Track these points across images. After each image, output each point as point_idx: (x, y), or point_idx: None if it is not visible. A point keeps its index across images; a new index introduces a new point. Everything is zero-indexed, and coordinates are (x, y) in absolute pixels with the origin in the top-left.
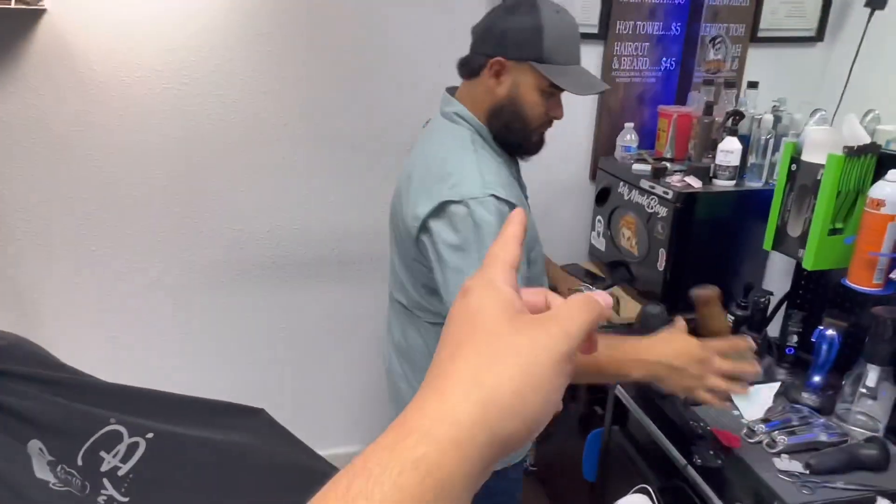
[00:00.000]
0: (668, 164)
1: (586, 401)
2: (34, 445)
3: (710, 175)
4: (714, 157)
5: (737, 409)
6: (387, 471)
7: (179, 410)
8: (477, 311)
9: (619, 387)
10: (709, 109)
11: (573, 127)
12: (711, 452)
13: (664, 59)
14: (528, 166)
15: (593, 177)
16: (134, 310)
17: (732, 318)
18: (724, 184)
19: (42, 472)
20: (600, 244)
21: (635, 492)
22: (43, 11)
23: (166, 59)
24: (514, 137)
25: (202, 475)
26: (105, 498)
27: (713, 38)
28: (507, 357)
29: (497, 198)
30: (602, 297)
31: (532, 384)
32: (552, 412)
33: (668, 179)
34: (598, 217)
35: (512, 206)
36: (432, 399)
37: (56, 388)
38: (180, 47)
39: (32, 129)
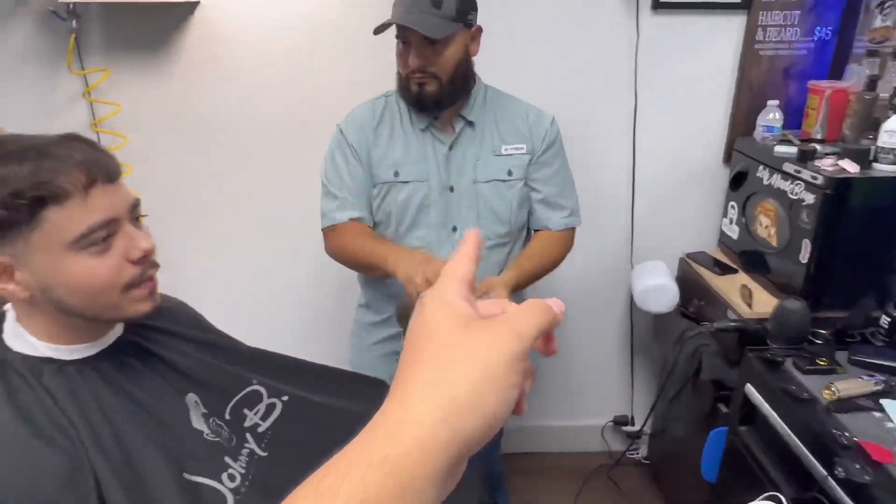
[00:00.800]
0: (817, 146)
1: (710, 397)
2: (191, 398)
3: (870, 158)
4: (875, 139)
5: (890, 420)
6: (353, 469)
7: (311, 377)
8: (432, 323)
9: (748, 385)
10: (872, 84)
11: (705, 106)
12: (858, 466)
13: (818, 28)
14: (654, 146)
15: (727, 159)
16: (275, 285)
17: (888, 319)
18: (887, 168)
19: (198, 422)
20: (732, 232)
21: (764, 499)
22: (196, 4)
23: (310, 52)
24: (401, 94)
25: (330, 438)
26: (248, 451)
27: (881, 3)
28: (463, 360)
29: (341, 131)
30: (555, 303)
31: (488, 382)
32: (510, 408)
33: (817, 163)
34: (732, 203)
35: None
36: (394, 404)
37: (209, 349)
38: (331, 45)
39: (181, 114)
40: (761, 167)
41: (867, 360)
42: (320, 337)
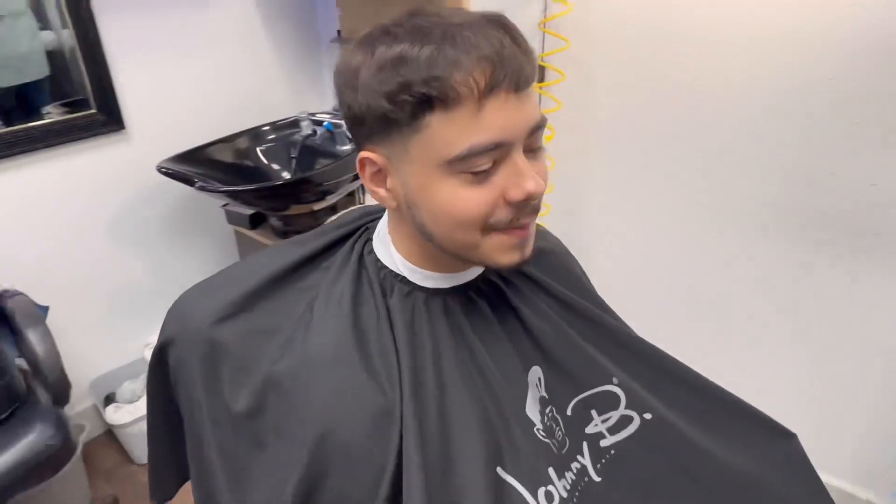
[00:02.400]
0: None
1: None
2: (535, 373)
3: None
4: None
5: None
6: None
7: (695, 399)
8: None
9: None
10: None
11: None
12: None
13: None
14: None
15: None
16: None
17: None
18: None
19: (532, 409)
20: None
21: None
22: None
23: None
24: None
25: (685, 487)
26: (579, 467)
27: None
28: None
29: None
30: None
31: None
32: None
33: None
34: None
35: None
36: None
37: (573, 315)
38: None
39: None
40: None
41: None
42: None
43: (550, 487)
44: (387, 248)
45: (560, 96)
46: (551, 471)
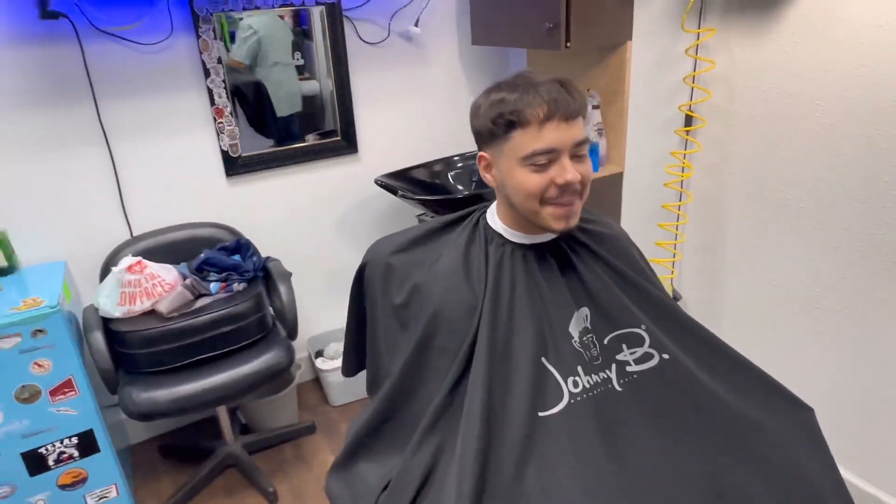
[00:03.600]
0: None
1: None
2: (583, 311)
3: None
4: None
5: None
6: None
7: (708, 351)
8: None
9: None
10: None
11: None
12: None
13: None
14: None
15: None
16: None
17: None
18: None
19: (574, 329)
20: None
21: None
22: None
23: None
24: None
25: (690, 420)
26: (604, 377)
27: None
28: None
29: None
30: None
31: None
32: None
33: None
34: None
35: None
36: None
37: (620, 280)
38: None
39: (770, 80)
40: None
41: None
42: None
43: (577, 378)
44: (493, 216)
45: (701, 140)
46: (580, 369)
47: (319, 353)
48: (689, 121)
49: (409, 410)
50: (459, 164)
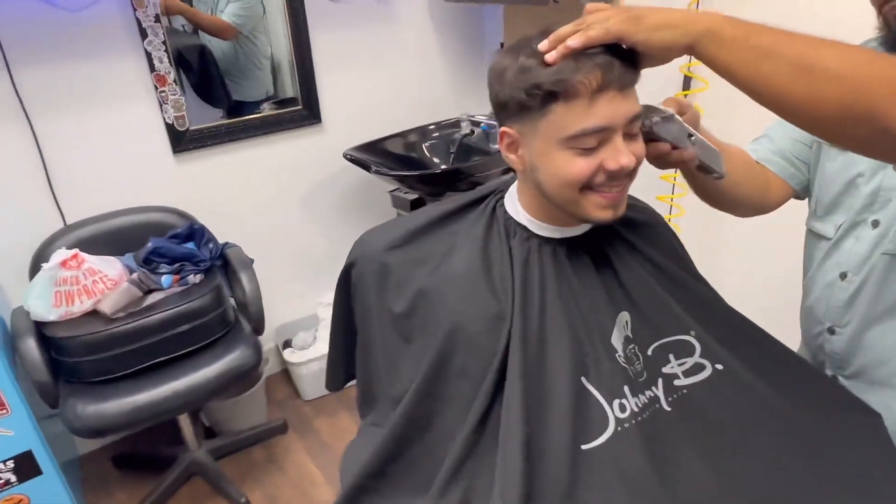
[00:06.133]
0: None
1: None
2: (622, 317)
3: None
4: None
5: None
6: None
7: (774, 364)
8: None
9: None
10: None
11: None
12: None
13: None
14: None
15: None
16: None
17: None
18: None
19: (616, 341)
20: None
21: None
22: None
23: None
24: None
25: (751, 434)
26: (651, 396)
27: None
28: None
29: None
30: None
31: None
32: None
33: None
34: None
35: None
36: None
37: (663, 278)
38: None
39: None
40: None
41: None
42: None
43: (624, 401)
44: (514, 204)
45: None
46: (626, 389)
47: (288, 344)
48: (687, 83)
49: (423, 446)
50: (435, 134)
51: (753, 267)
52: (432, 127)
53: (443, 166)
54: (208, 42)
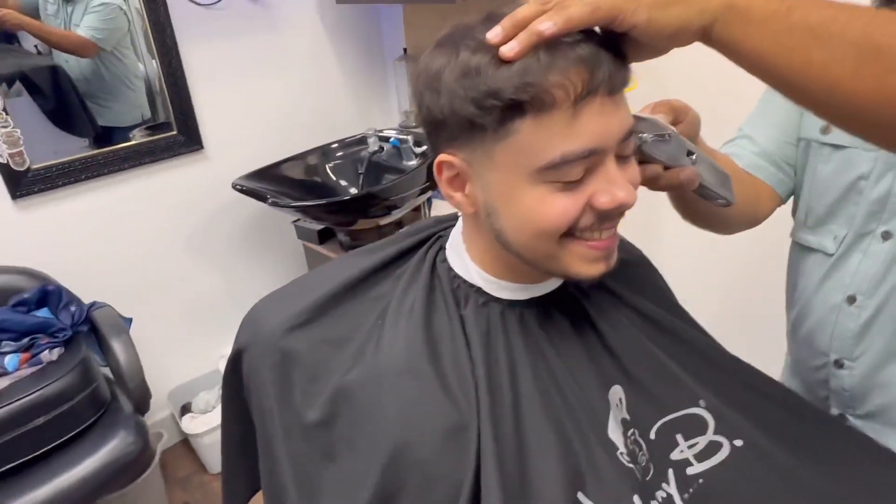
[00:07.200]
0: None
1: None
2: (616, 393)
3: None
4: None
5: None
6: None
7: (797, 423)
8: None
9: None
10: None
11: None
12: None
13: None
14: None
15: None
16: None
17: None
18: None
19: (615, 432)
20: None
21: None
22: None
23: None
24: None
25: None
26: (664, 496)
27: None
28: None
29: None
30: None
31: None
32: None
33: None
34: None
35: None
36: None
37: (656, 331)
38: None
39: None
40: None
41: None
42: None
43: None
44: (461, 257)
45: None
46: (636, 499)
47: (187, 409)
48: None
49: None
50: (339, 154)
51: (695, 271)
52: (335, 146)
53: (352, 190)
54: (64, 62)
